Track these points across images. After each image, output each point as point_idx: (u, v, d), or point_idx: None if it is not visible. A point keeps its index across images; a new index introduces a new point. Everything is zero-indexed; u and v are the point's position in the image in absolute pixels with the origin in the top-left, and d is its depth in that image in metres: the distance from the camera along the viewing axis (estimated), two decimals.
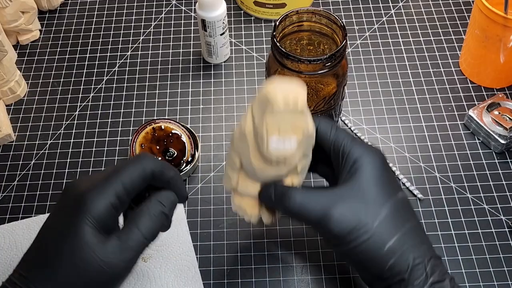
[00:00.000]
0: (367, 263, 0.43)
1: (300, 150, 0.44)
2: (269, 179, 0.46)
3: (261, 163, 0.45)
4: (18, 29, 0.76)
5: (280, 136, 0.43)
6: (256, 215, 0.48)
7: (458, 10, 0.79)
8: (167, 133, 0.63)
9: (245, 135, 0.44)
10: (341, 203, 0.43)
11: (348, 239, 0.42)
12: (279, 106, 0.41)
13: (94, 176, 0.44)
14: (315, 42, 0.60)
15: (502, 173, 0.62)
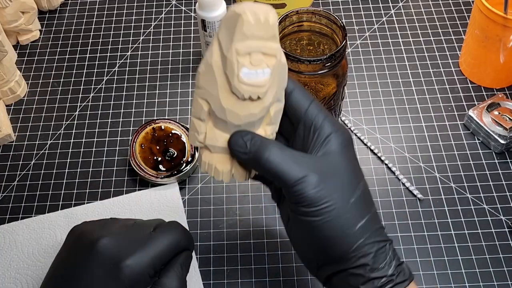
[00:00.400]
0: (333, 239, 0.40)
1: (274, 87, 0.41)
2: (241, 123, 0.41)
3: (231, 100, 0.40)
4: (18, 29, 0.76)
5: (252, 64, 0.39)
6: (228, 172, 0.43)
7: (458, 10, 0.79)
8: (167, 133, 0.63)
9: (212, 68, 0.40)
10: (320, 171, 0.41)
11: (322, 207, 0.40)
12: (249, 21, 0.38)
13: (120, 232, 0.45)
14: (315, 42, 0.60)
15: (502, 173, 0.62)
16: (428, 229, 0.58)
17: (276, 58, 0.39)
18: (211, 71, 0.40)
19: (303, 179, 0.40)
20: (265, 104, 0.41)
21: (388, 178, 0.62)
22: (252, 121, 0.41)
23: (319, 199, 0.40)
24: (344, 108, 0.68)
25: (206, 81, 0.40)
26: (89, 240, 0.44)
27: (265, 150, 0.40)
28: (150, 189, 0.62)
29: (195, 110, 0.42)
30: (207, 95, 0.41)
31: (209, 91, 0.40)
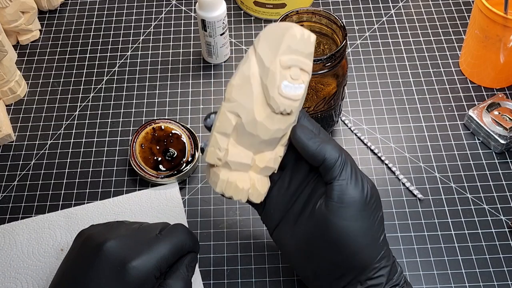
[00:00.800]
0: (364, 248, 0.43)
1: (301, 105, 0.43)
2: (268, 138, 0.42)
3: (265, 113, 0.41)
4: (18, 29, 0.76)
5: (292, 78, 0.41)
6: (247, 190, 0.44)
7: (458, 10, 0.79)
8: (167, 133, 0.63)
9: (249, 80, 0.41)
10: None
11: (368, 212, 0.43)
12: (296, 36, 0.40)
13: (126, 235, 0.46)
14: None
15: (502, 173, 0.62)
16: (428, 229, 0.58)
17: (309, 75, 0.41)
18: (247, 83, 0.41)
19: (357, 180, 0.43)
20: (291, 121, 0.43)
21: (388, 178, 0.62)
22: (277, 137, 0.43)
23: (367, 202, 0.43)
24: (344, 108, 0.68)
25: (240, 94, 0.41)
26: (96, 243, 0.45)
27: (330, 143, 0.43)
28: (150, 189, 0.62)
29: (222, 124, 0.42)
30: (239, 108, 0.41)
31: (242, 104, 0.41)
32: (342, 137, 0.66)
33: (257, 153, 0.44)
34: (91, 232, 0.47)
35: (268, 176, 0.46)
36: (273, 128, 0.42)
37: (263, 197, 0.45)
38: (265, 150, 0.44)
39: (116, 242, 0.44)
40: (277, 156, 0.45)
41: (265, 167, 0.44)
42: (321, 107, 0.59)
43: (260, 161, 0.44)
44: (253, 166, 0.44)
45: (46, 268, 0.56)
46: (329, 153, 0.43)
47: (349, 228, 0.42)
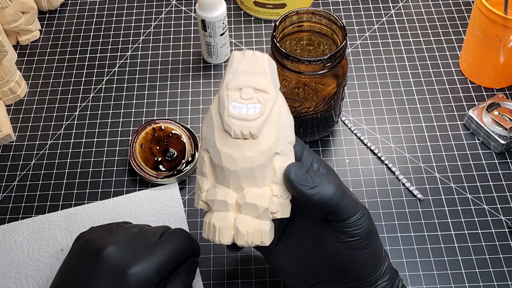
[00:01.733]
0: (372, 268, 0.44)
1: (272, 133, 0.39)
2: (237, 168, 0.39)
3: (226, 141, 0.39)
4: (18, 29, 0.76)
5: (242, 98, 0.39)
6: (225, 228, 0.40)
7: (458, 10, 0.79)
8: (167, 133, 0.63)
9: (211, 112, 0.40)
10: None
11: (371, 239, 0.43)
12: (238, 57, 0.39)
13: (126, 240, 0.45)
14: (315, 42, 0.60)
15: (502, 174, 0.62)
16: (428, 229, 0.58)
17: (269, 94, 0.39)
18: (210, 117, 0.40)
19: (362, 214, 0.42)
20: (262, 148, 0.39)
21: (388, 178, 0.62)
22: (250, 168, 0.39)
23: (372, 232, 0.43)
24: (344, 108, 0.68)
25: (206, 128, 0.41)
26: (95, 248, 0.44)
27: (331, 185, 0.40)
28: (150, 189, 0.62)
29: (198, 165, 0.42)
30: (207, 143, 0.40)
31: (208, 137, 0.40)
32: (342, 137, 0.66)
33: (239, 191, 0.40)
34: (90, 236, 0.47)
35: (260, 216, 0.40)
36: (239, 156, 0.39)
37: (245, 240, 0.40)
38: (247, 186, 0.40)
39: (116, 247, 0.44)
40: (269, 195, 0.40)
41: (247, 203, 0.40)
42: (321, 107, 0.59)
43: (241, 198, 0.40)
44: (236, 205, 0.40)
45: (46, 268, 0.56)
46: (333, 200, 0.40)
47: (359, 256, 0.43)
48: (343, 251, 0.42)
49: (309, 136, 0.63)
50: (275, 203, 0.40)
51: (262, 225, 0.40)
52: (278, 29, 0.57)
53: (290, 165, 0.40)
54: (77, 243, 0.47)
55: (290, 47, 0.60)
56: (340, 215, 0.41)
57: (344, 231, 0.42)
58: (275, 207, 0.40)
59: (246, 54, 0.40)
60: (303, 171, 0.40)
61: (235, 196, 0.40)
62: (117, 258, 0.43)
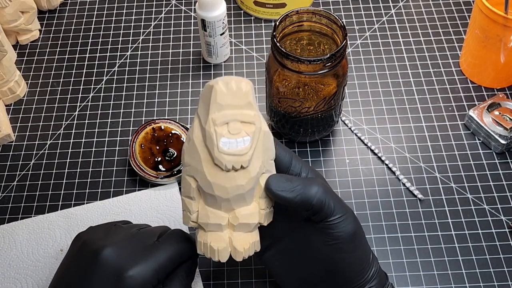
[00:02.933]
0: (359, 271, 0.45)
1: (259, 157, 0.41)
2: (229, 197, 0.41)
3: (216, 173, 0.40)
4: (17, 29, 0.76)
5: (231, 133, 0.39)
6: (223, 249, 0.42)
7: (458, 10, 0.79)
8: (167, 133, 0.63)
9: (194, 143, 0.40)
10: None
11: (357, 242, 0.44)
12: (222, 91, 0.39)
13: (123, 241, 0.45)
14: (315, 42, 0.60)
15: (502, 174, 0.62)
16: (428, 230, 0.58)
17: (255, 125, 0.40)
18: (193, 146, 0.40)
19: (346, 215, 0.43)
20: (252, 174, 0.41)
21: (389, 178, 0.62)
22: (241, 193, 0.41)
23: (356, 235, 0.44)
24: (344, 108, 0.68)
25: (191, 158, 0.41)
26: (93, 250, 0.44)
27: (312, 185, 0.42)
28: (150, 189, 0.62)
29: (184, 189, 0.42)
30: (194, 172, 0.41)
31: (195, 167, 0.41)
32: (343, 137, 0.66)
33: (230, 211, 0.42)
34: (88, 236, 0.47)
35: (251, 231, 0.43)
36: (231, 185, 0.40)
37: (242, 255, 0.42)
38: (237, 207, 0.42)
39: (113, 249, 0.43)
40: (258, 211, 0.42)
41: (240, 224, 0.42)
42: (321, 107, 0.59)
43: (234, 219, 0.42)
44: (229, 225, 0.42)
45: (46, 268, 0.56)
46: (314, 199, 0.42)
47: (347, 259, 0.44)
48: (329, 254, 0.44)
49: (309, 136, 0.63)
50: (263, 216, 0.43)
51: (254, 237, 0.43)
52: (278, 29, 0.57)
53: (269, 178, 0.42)
54: (75, 243, 0.47)
55: (290, 46, 0.60)
56: (323, 214, 0.43)
57: (328, 233, 0.43)
58: (263, 219, 0.43)
59: (229, 87, 0.40)
60: (282, 179, 0.42)
61: (227, 217, 0.42)
62: (115, 260, 0.43)
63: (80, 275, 0.43)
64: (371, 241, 0.57)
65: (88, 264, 0.43)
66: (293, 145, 0.65)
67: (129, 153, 0.62)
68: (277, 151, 0.45)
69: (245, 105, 0.40)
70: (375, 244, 0.57)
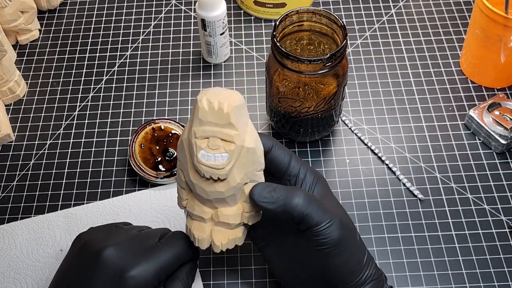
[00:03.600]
0: (348, 274, 0.45)
1: (240, 170, 0.42)
2: (210, 198, 0.43)
3: (198, 177, 0.43)
4: (17, 28, 0.76)
5: (210, 148, 0.41)
6: (203, 239, 0.45)
7: (458, 10, 0.79)
8: (167, 133, 0.63)
9: (183, 144, 0.43)
10: (335, 215, 0.45)
11: (344, 248, 0.44)
12: (204, 108, 0.41)
13: (125, 242, 0.45)
14: (315, 42, 0.60)
15: (502, 174, 0.62)
16: (428, 230, 0.58)
17: (236, 144, 0.41)
18: (182, 146, 0.43)
19: (330, 222, 0.43)
20: (232, 184, 0.42)
21: (389, 178, 0.62)
22: (222, 198, 0.43)
23: (344, 238, 0.44)
24: (345, 108, 0.68)
25: (180, 154, 0.44)
26: (94, 250, 0.44)
27: (294, 197, 0.43)
28: (150, 189, 0.62)
29: (178, 178, 0.46)
30: (182, 168, 0.44)
31: (183, 164, 0.44)
32: (343, 137, 0.66)
33: (213, 208, 0.44)
34: (89, 237, 0.47)
35: (233, 228, 0.45)
36: (211, 190, 0.43)
37: (220, 248, 0.45)
38: (220, 207, 0.44)
39: (115, 250, 0.44)
40: (242, 213, 0.44)
41: (220, 222, 0.44)
42: (322, 107, 0.59)
43: (216, 216, 0.44)
44: (212, 219, 0.45)
45: (46, 268, 0.56)
46: (295, 211, 0.43)
47: (333, 263, 0.44)
48: (317, 259, 0.44)
49: (309, 136, 0.63)
50: (246, 217, 0.45)
51: (235, 234, 0.45)
52: (278, 29, 0.57)
53: (253, 187, 0.43)
54: (76, 244, 0.47)
55: (290, 46, 0.60)
56: (306, 223, 0.43)
57: (314, 240, 0.43)
58: (247, 219, 0.45)
59: (211, 107, 0.41)
60: (265, 190, 0.43)
61: (210, 212, 0.45)
62: (116, 260, 0.43)
63: (81, 275, 0.43)
64: (371, 241, 0.57)
65: (89, 264, 0.43)
66: (293, 145, 0.65)
67: (129, 153, 0.62)
68: (276, 152, 0.46)
69: (225, 125, 0.41)
70: (375, 244, 0.57)
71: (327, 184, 0.48)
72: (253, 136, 0.43)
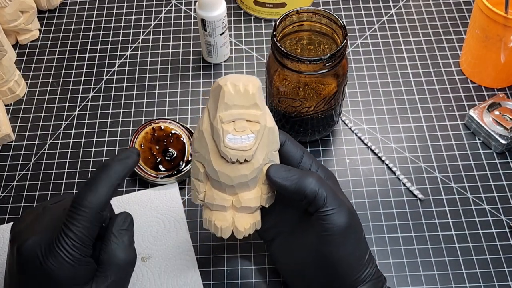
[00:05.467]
0: (351, 268, 0.45)
1: (263, 150, 0.44)
2: (233, 184, 0.45)
3: (222, 163, 0.44)
4: (17, 28, 0.76)
5: (236, 131, 0.42)
6: (226, 228, 0.46)
7: (458, 10, 0.79)
8: (167, 133, 0.63)
9: (203, 134, 0.44)
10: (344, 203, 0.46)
11: (351, 236, 0.45)
12: (230, 92, 0.42)
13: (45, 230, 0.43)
14: (315, 42, 0.60)
15: (502, 174, 0.62)
16: (428, 230, 0.58)
17: (260, 124, 0.43)
18: (202, 137, 0.44)
19: (339, 208, 0.44)
20: (255, 166, 0.44)
21: (389, 178, 0.62)
22: (245, 181, 0.45)
23: (350, 228, 0.45)
24: (345, 108, 0.68)
25: (199, 146, 0.45)
26: (17, 245, 0.42)
27: (308, 176, 0.44)
28: (150, 189, 0.62)
29: (193, 171, 0.46)
30: (202, 159, 0.45)
31: (203, 155, 0.45)
32: (343, 137, 0.66)
33: (234, 195, 0.46)
34: (18, 228, 0.44)
35: (253, 212, 0.47)
36: (235, 175, 0.44)
37: (243, 234, 0.47)
38: (240, 192, 0.46)
39: (32, 240, 0.41)
40: (260, 195, 0.46)
41: (243, 207, 0.46)
42: (322, 107, 0.59)
43: (237, 202, 0.46)
44: (232, 206, 0.46)
45: None
46: (308, 188, 0.44)
47: (336, 253, 0.45)
48: (321, 246, 0.45)
49: (309, 136, 0.63)
50: (264, 199, 0.47)
51: (255, 218, 0.47)
52: (278, 29, 0.57)
53: (270, 167, 0.45)
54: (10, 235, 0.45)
55: (290, 46, 0.60)
56: (316, 204, 0.44)
57: (320, 224, 0.44)
58: (265, 202, 0.47)
59: (237, 89, 0.42)
60: (281, 169, 0.45)
61: (231, 199, 0.46)
62: (34, 251, 0.41)
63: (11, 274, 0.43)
64: (371, 241, 0.57)
65: (17, 260, 0.42)
66: None
67: None
68: (288, 147, 0.47)
69: (251, 106, 0.43)
70: (375, 244, 0.57)
71: (337, 182, 0.49)
72: (271, 116, 0.45)
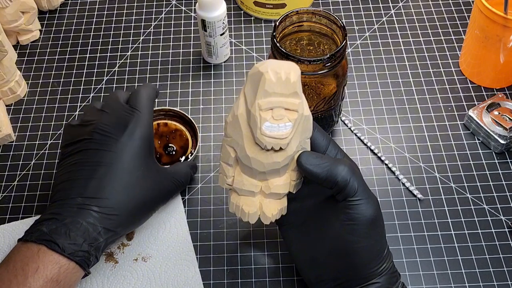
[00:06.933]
0: (372, 260, 0.45)
1: (297, 138, 0.44)
2: (265, 170, 0.45)
3: (256, 150, 0.43)
4: (18, 29, 0.76)
5: (274, 119, 0.42)
6: (253, 213, 0.47)
7: (458, 10, 0.79)
8: (171, 130, 0.64)
9: (238, 120, 0.43)
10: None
11: (376, 228, 0.46)
12: (271, 80, 0.41)
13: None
14: (315, 42, 0.60)
15: (502, 173, 0.62)
16: (428, 229, 0.58)
17: (298, 113, 0.42)
18: (237, 122, 0.43)
19: (368, 199, 0.45)
20: (289, 153, 0.44)
21: (388, 178, 0.62)
22: (276, 168, 0.45)
23: (376, 221, 0.45)
24: (344, 108, 0.68)
25: (233, 131, 0.44)
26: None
27: (340, 164, 0.44)
28: None
29: (224, 155, 0.46)
30: (234, 144, 0.45)
31: (236, 140, 0.44)
32: (342, 137, 0.66)
33: (263, 180, 0.46)
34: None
35: (281, 198, 0.48)
36: (268, 162, 0.44)
37: (270, 220, 0.47)
38: (270, 178, 0.46)
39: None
40: (289, 182, 0.46)
41: (272, 193, 0.46)
42: (321, 107, 0.59)
43: (266, 188, 0.46)
44: (261, 192, 0.47)
45: None
46: (340, 176, 0.44)
47: (359, 243, 0.45)
48: (342, 234, 0.45)
49: None
50: (293, 186, 0.47)
51: (282, 204, 0.48)
52: (278, 29, 0.57)
53: (301, 153, 0.45)
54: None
55: (290, 47, 0.60)
56: (346, 193, 0.44)
57: (347, 212, 0.44)
58: (293, 188, 0.47)
59: (278, 77, 0.41)
60: (312, 156, 0.45)
61: (260, 185, 0.46)
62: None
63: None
64: None
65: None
66: None
67: None
68: (315, 135, 0.46)
69: (291, 94, 0.42)
70: None
71: (362, 176, 0.48)
72: (307, 103, 0.44)
